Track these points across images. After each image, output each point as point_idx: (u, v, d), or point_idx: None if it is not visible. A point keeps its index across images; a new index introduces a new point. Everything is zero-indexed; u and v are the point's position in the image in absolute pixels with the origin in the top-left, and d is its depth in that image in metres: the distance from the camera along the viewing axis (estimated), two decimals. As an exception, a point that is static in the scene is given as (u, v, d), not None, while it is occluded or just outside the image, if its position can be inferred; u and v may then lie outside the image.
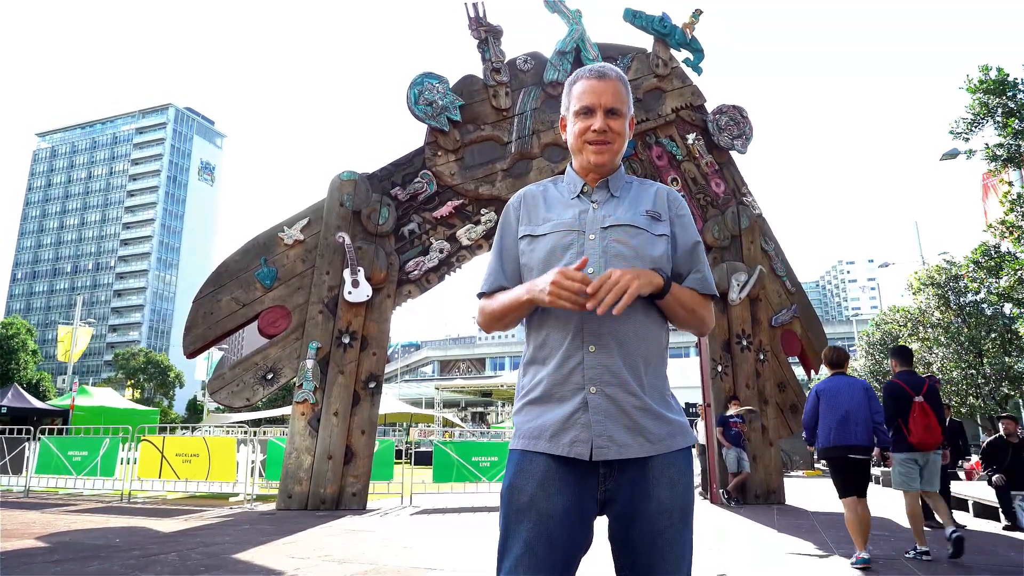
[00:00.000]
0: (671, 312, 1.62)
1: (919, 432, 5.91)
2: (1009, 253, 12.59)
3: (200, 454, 10.44)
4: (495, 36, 10.74)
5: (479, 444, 12.23)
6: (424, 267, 10.24)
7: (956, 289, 19.50)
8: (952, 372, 18.78)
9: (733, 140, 11.67)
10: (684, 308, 1.62)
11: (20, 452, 11.76)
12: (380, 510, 9.47)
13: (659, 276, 1.54)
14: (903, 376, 6.25)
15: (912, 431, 5.93)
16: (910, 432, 5.94)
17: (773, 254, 11.63)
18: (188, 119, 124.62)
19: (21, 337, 45.52)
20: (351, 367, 9.60)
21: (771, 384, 10.86)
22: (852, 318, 68.52)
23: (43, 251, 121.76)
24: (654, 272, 1.54)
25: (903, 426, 6.01)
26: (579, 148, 1.71)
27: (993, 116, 11.68)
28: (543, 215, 1.71)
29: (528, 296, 1.55)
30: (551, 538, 1.47)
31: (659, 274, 1.55)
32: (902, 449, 6.03)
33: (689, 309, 1.63)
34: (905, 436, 5.98)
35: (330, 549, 6.04)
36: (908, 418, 5.98)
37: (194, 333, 9.61)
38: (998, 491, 8.54)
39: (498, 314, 1.67)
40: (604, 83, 1.68)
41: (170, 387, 68.73)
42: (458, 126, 10.50)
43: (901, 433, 6.02)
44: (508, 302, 1.63)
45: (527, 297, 1.56)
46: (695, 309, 1.64)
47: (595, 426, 1.51)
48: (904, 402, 6.04)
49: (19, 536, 6.45)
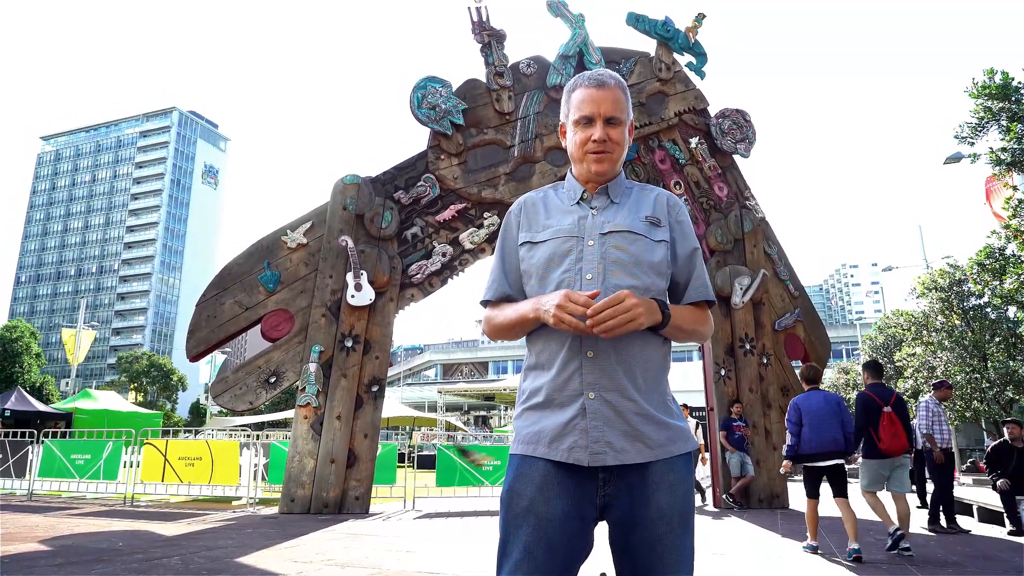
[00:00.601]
0: (669, 335, 1.63)
1: (887, 440, 6.45)
2: (1014, 256, 12.55)
3: (203, 457, 10.45)
4: (498, 40, 10.75)
5: (481, 447, 12.20)
6: (427, 271, 10.24)
7: (960, 293, 19.42)
8: (956, 376, 18.69)
9: (736, 144, 11.67)
10: (682, 330, 1.62)
11: (23, 455, 11.77)
12: (383, 514, 9.46)
13: (659, 312, 1.54)
14: (873, 388, 6.80)
15: (881, 439, 6.48)
16: (879, 440, 6.48)
17: (776, 258, 11.62)
18: (192, 122, 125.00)
19: (25, 340, 45.63)
20: (354, 371, 9.60)
21: (774, 388, 10.84)
22: (856, 322, 68.33)
23: (47, 254, 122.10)
24: (656, 307, 1.54)
25: (873, 434, 6.55)
26: (580, 157, 1.71)
27: (997, 120, 11.66)
28: (543, 221, 1.71)
29: (534, 315, 1.57)
30: (550, 543, 1.48)
31: (659, 307, 1.55)
32: (872, 455, 6.62)
33: (686, 330, 1.63)
34: (875, 443, 6.52)
35: (333, 553, 6.03)
36: (878, 427, 6.52)
37: (197, 336, 9.62)
38: (1003, 496, 8.50)
39: (504, 327, 1.69)
40: (603, 92, 1.68)
41: (173, 390, 68.77)
42: (461, 130, 10.51)
43: (871, 440, 6.57)
44: (515, 318, 1.64)
45: (533, 316, 1.57)
46: (692, 328, 1.65)
47: (593, 432, 1.51)
48: (873, 412, 6.58)
49: (22, 539, 6.46)
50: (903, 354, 21.51)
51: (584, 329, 1.46)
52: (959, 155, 15.69)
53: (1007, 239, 12.29)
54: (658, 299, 1.58)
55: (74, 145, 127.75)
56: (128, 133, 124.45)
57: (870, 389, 6.83)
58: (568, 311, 1.47)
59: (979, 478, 19.14)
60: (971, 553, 6.73)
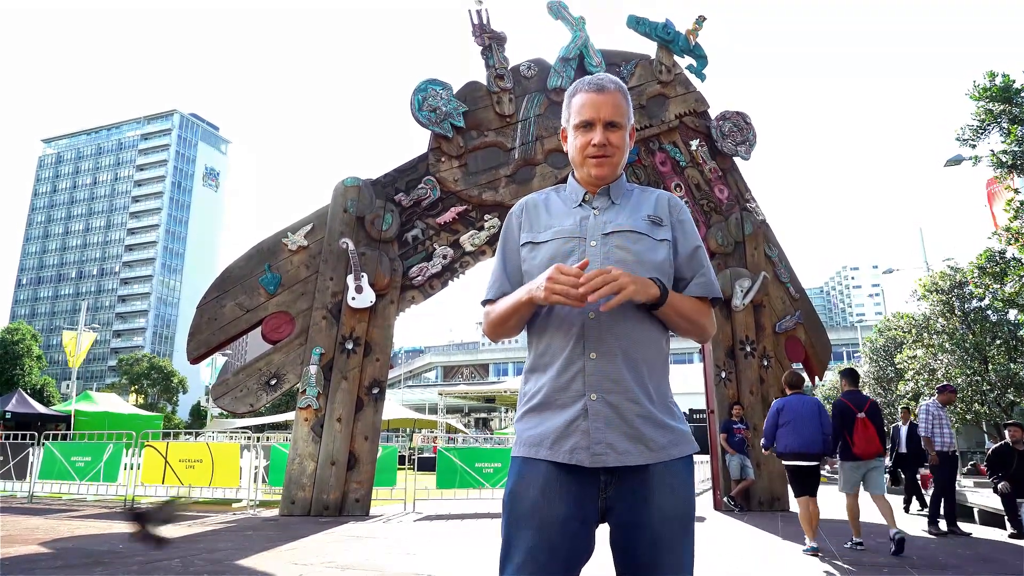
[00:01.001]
0: (669, 321, 1.62)
1: (862, 444, 6.81)
2: (1015, 259, 12.55)
3: (203, 460, 10.45)
4: (499, 43, 10.76)
5: (482, 450, 12.22)
6: (427, 273, 10.25)
7: (961, 295, 19.41)
8: (957, 379, 18.67)
9: (737, 146, 11.68)
10: (683, 317, 1.61)
11: (24, 457, 11.77)
12: (383, 516, 9.46)
13: (655, 287, 1.54)
14: (849, 395, 7.17)
15: (856, 443, 6.84)
16: (854, 444, 6.85)
17: (777, 260, 11.62)
18: (193, 125, 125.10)
19: (26, 342, 45.63)
20: (354, 373, 9.60)
21: (775, 391, 10.82)
22: (856, 324, 68.34)
23: (48, 257, 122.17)
24: (651, 282, 1.54)
25: (848, 438, 6.92)
26: (580, 162, 1.72)
27: (998, 123, 11.68)
28: (545, 222, 1.72)
29: (527, 296, 1.56)
30: (552, 545, 1.48)
31: (656, 284, 1.54)
32: (848, 458, 6.97)
33: (688, 318, 1.62)
34: (850, 447, 6.88)
35: (333, 555, 6.03)
36: (853, 431, 6.89)
37: (198, 339, 9.62)
38: (1004, 498, 8.50)
39: (501, 318, 1.68)
40: (603, 96, 1.68)
41: (173, 392, 68.75)
42: (462, 132, 10.52)
43: (847, 444, 6.93)
44: (509, 305, 1.64)
45: (526, 297, 1.56)
46: (694, 318, 1.64)
47: (595, 433, 1.51)
48: (849, 417, 6.95)
49: (23, 542, 6.46)
50: (904, 356, 21.49)
51: (576, 296, 1.45)
52: (960, 157, 15.68)
53: (1007, 242, 12.29)
54: (654, 277, 1.57)
55: (75, 148, 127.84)
56: (129, 136, 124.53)
57: (846, 396, 7.18)
58: (559, 281, 1.47)
59: (980, 480, 19.12)
60: (971, 556, 6.73)
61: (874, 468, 6.94)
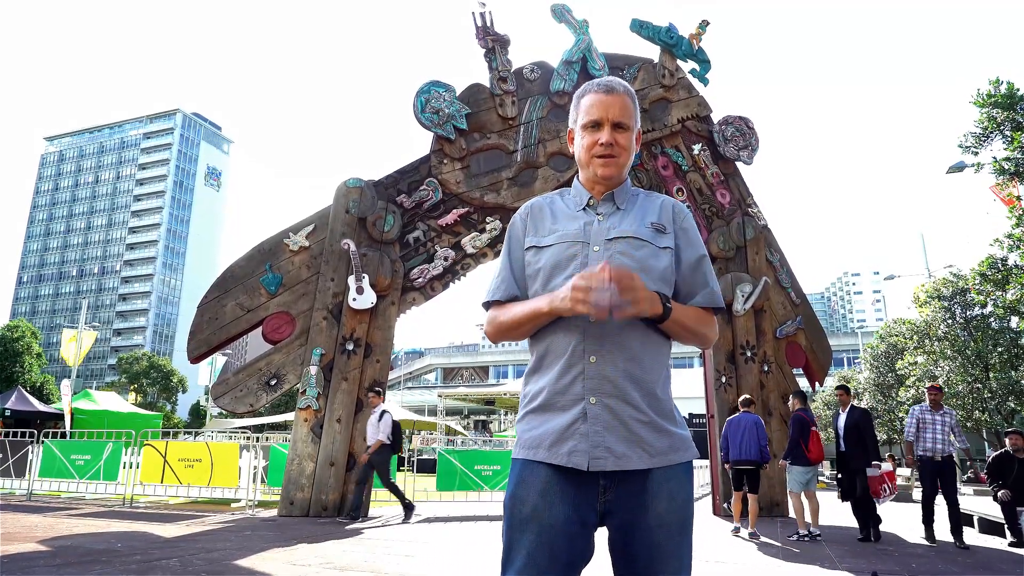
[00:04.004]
0: (672, 332, 1.62)
1: (816, 451, 8.26)
2: (1017, 266, 12.54)
3: (203, 459, 10.44)
4: (502, 45, 10.78)
5: (482, 453, 12.20)
6: (429, 275, 10.25)
7: (962, 302, 19.42)
8: (958, 386, 18.67)
9: (739, 151, 11.68)
10: (685, 329, 1.61)
11: (23, 455, 11.77)
12: (382, 517, 9.44)
13: (659, 303, 1.54)
14: (804, 411, 8.65)
15: (811, 450, 8.25)
16: (809, 451, 8.25)
17: (778, 265, 11.61)
18: (195, 124, 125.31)
19: (26, 340, 45.59)
20: (354, 374, 9.60)
21: (775, 396, 10.82)
22: (857, 330, 68.24)
23: (49, 255, 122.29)
24: (658, 299, 1.54)
25: (803, 446, 8.26)
26: (587, 161, 1.72)
27: (1001, 130, 11.68)
28: (549, 226, 1.71)
29: (549, 307, 1.55)
30: (553, 549, 1.48)
31: (660, 300, 1.54)
32: (802, 463, 8.27)
33: (691, 329, 1.62)
34: (805, 453, 8.26)
35: (331, 556, 6.02)
36: (808, 441, 8.28)
37: (198, 338, 9.63)
38: (1004, 507, 8.45)
39: (512, 325, 1.66)
40: (612, 97, 1.69)
41: (173, 392, 68.72)
42: (464, 134, 10.53)
43: (801, 451, 8.27)
44: (525, 313, 1.62)
45: (547, 309, 1.55)
46: (697, 328, 1.64)
47: (593, 436, 1.51)
48: (806, 429, 8.37)
49: (21, 540, 6.45)
50: (905, 363, 21.48)
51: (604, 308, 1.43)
52: (962, 164, 15.68)
53: (1009, 248, 12.28)
54: (660, 292, 1.57)
55: (78, 146, 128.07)
56: (131, 135, 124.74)
57: (803, 411, 8.61)
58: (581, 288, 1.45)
59: (980, 488, 19.08)
60: (971, 564, 6.71)
61: (818, 472, 8.45)
